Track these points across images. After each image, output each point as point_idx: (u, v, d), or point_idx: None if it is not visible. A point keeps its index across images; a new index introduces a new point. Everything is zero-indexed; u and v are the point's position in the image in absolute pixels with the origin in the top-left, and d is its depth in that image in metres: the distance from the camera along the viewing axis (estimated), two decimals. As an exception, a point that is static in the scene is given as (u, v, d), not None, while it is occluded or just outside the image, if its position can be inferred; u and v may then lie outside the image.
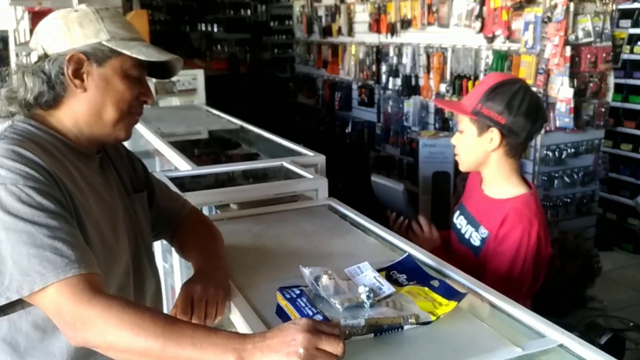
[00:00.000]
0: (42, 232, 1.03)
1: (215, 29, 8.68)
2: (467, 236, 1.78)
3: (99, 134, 1.25)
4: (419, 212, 2.05)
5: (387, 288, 1.24)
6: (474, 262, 1.71)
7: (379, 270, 1.32)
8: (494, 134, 1.66)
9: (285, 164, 2.35)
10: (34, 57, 1.23)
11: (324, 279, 1.23)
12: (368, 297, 1.19)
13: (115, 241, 1.25)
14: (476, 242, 1.74)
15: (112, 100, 1.22)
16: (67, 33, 1.20)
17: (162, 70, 1.32)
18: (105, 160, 1.34)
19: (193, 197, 1.90)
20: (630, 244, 4.73)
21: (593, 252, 3.97)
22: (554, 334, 1.13)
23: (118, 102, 1.22)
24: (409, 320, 1.13)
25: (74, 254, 1.03)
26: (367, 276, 1.29)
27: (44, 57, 1.20)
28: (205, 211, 2.03)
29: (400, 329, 1.13)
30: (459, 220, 1.85)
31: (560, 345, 1.10)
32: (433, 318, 1.15)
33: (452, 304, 1.17)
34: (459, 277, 1.38)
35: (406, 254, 1.42)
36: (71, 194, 1.12)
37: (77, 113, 1.21)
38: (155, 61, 1.23)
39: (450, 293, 1.21)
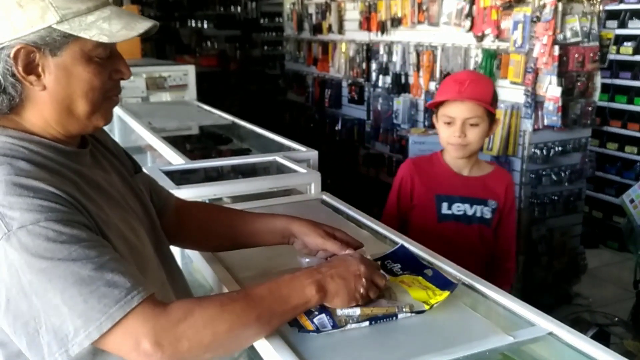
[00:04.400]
0: (87, 266, 0.91)
1: (205, 26, 8.68)
2: (477, 215, 2.03)
3: (75, 130, 1.08)
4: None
5: None
6: (489, 231, 2.06)
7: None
8: (497, 125, 2.05)
9: (278, 159, 2.36)
10: None
11: None
12: None
13: (139, 241, 1.13)
14: (488, 215, 2.04)
15: (79, 92, 1.02)
16: (5, 18, 0.95)
17: None
18: (96, 150, 1.19)
19: (188, 191, 1.92)
20: (615, 242, 4.80)
21: (579, 249, 4.03)
22: (544, 323, 1.16)
23: (87, 93, 1.03)
24: (403, 309, 1.16)
25: (127, 280, 0.93)
26: None
27: None
28: (199, 205, 2.04)
29: (394, 318, 1.15)
30: (457, 208, 2.03)
31: (550, 334, 1.13)
32: (426, 307, 1.17)
33: (445, 293, 1.19)
34: (449, 268, 1.40)
35: (399, 244, 1.44)
36: (88, 209, 0.99)
37: (43, 113, 1.03)
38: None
39: (443, 283, 1.24)
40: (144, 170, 1.39)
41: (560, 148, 3.73)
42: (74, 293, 0.89)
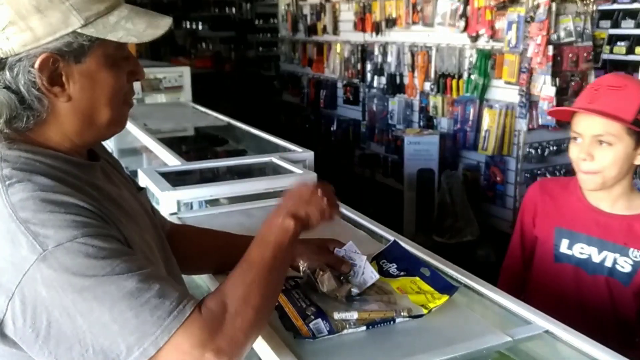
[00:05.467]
0: (133, 279, 0.85)
1: (200, 27, 8.69)
2: (607, 265, 1.54)
3: (93, 139, 1.03)
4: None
5: (369, 277, 1.25)
6: (625, 291, 1.53)
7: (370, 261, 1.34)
8: None
9: (274, 160, 2.37)
10: None
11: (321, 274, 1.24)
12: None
13: (156, 260, 1.08)
14: (625, 268, 1.52)
15: (104, 99, 0.96)
16: (24, 25, 0.87)
17: None
18: (104, 163, 1.13)
19: (184, 192, 1.92)
20: (610, 240, 4.81)
21: (574, 247, 4.03)
22: (540, 321, 1.16)
23: (111, 99, 0.97)
24: (402, 313, 1.15)
25: (174, 289, 0.88)
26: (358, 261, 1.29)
27: None
28: (196, 206, 2.04)
29: (392, 322, 1.15)
30: (581, 250, 1.58)
31: (546, 332, 1.14)
32: (425, 311, 1.16)
33: (444, 297, 1.18)
34: (447, 269, 1.41)
35: (392, 240, 1.43)
36: (115, 223, 0.94)
37: (64, 125, 0.95)
38: None
39: (443, 286, 1.23)
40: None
41: (555, 147, 3.75)
42: (123, 308, 0.83)
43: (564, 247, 1.60)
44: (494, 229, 3.95)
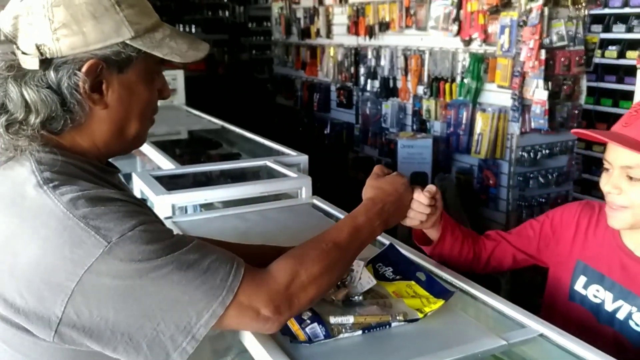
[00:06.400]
0: (191, 252, 0.91)
1: (193, 30, 8.66)
2: (619, 316, 1.32)
3: (118, 151, 1.04)
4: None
5: (366, 282, 1.25)
6: (632, 351, 1.29)
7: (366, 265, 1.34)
8: None
9: (269, 164, 2.37)
10: (27, 61, 0.89)
11: None
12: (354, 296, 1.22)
13: None
14: None
15: (136, 111, 0.99)
16: (77, 29, 0.89)
17: None
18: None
19: (178, 196, 1.92)
20: (602, 243, 4.82)
21: (567, 250, 4.04)
22: (534, 325, 1.17)
23: (142, 112, 1.00)
24: (397, 317, 1.16)
25: (224, 253, 0.95)
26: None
27: (44, 62, 0.89)
28: (190, 210, 2.04)
29: (388, 326, 1.15)
30: (595, 292, 1.37)
31: (541, 335, 1.15)
32: (420, 315, 1.17)
33: (440, 302, 1.19)
34: (442, 273, 1.41)
35: (388, 243, 1.44)
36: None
37: (94, 133, 0.97)
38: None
39: (437, 290, 1.24)
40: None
41: (547, 151, 3.76)
42: (190, 278, 0.88)
43: (579, 284, 1.41)
44: (487, 232, 3.96)
